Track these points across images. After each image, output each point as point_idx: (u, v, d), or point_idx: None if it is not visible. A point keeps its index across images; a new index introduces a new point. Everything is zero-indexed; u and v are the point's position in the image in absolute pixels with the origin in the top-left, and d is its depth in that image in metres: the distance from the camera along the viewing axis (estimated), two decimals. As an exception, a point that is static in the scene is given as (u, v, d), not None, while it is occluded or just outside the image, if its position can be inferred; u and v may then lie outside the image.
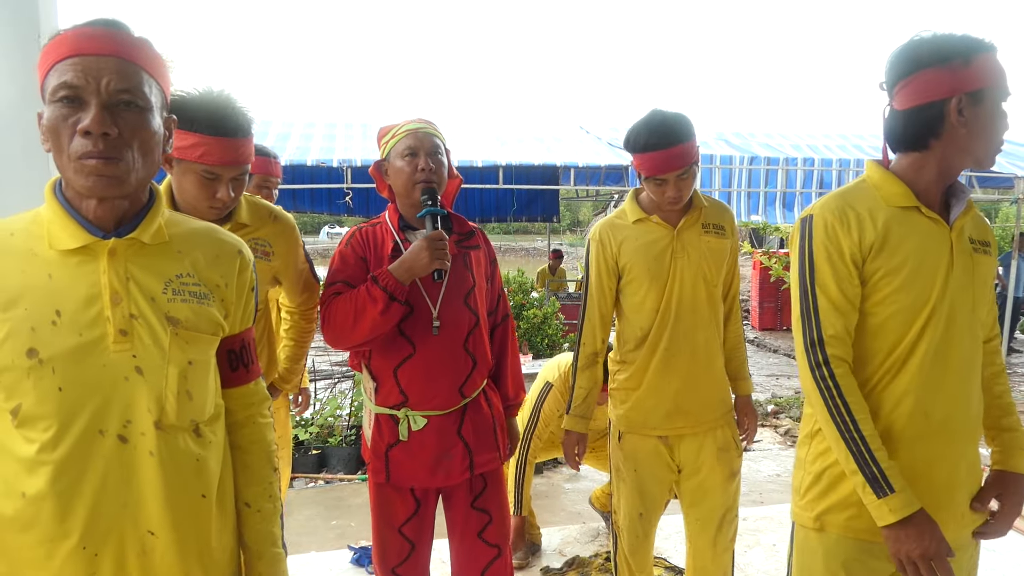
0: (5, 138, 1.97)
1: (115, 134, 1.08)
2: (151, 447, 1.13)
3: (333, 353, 8.91)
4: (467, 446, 2.04)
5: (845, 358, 1.49)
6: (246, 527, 1.33)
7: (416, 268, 1.87)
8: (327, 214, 8.27)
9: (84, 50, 1.08)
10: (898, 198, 1.50)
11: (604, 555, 3.48)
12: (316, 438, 5.20)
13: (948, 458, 1.49)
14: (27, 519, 1.10)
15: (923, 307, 1.46)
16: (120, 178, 1.10)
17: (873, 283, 1.49)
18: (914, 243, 1.47)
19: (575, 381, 2.35)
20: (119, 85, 1.09)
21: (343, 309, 1.90)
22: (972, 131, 1.42)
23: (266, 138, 6.58)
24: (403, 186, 1.99)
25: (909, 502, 1.39)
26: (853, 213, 1.50)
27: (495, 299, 2.20)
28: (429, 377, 1.98)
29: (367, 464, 2.11)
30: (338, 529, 4.06)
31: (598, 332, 2.31)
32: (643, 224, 2.23)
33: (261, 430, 1.36)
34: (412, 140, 1.98)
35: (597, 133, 7.75)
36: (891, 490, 1.39)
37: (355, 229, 2.09)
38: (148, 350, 1.14)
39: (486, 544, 2.12)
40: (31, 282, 1.10)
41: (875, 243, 1.47)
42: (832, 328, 1.49)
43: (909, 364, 1.47)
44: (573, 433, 2.37)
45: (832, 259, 1.50)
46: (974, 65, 1.39)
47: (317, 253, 33.66)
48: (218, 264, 1.25)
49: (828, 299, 1.50)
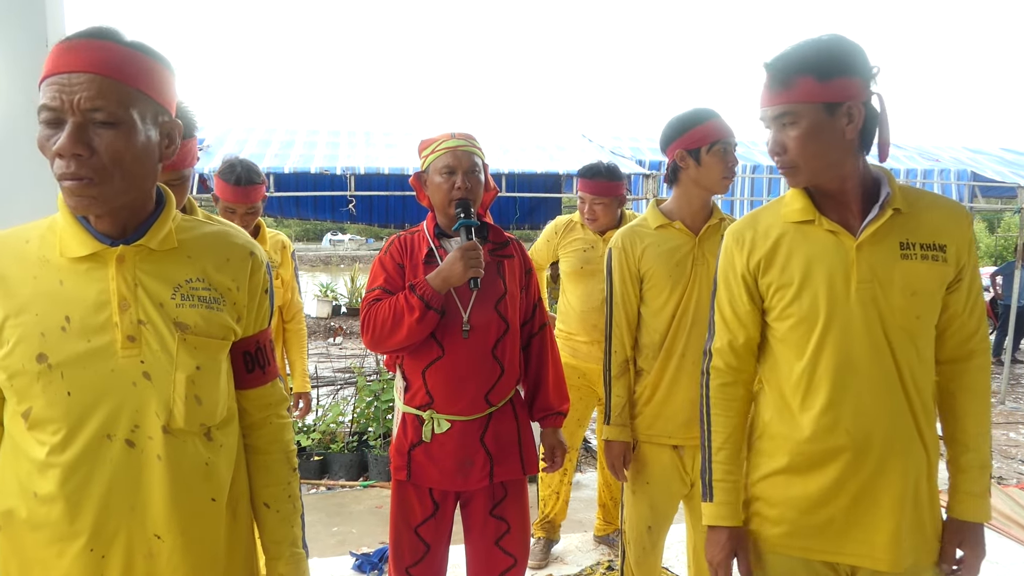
0: (14, 144, 1.98)
1: (88, 155, 1.06)
2: (159, 451, 1.14)
3: (336, 359, 8.92)
4: (489, 454, 2.06)
5: (725, 370, 1.60)
6: (265, 528, 1.33)
7: (452, 278, 1.95)
8: (330, 221, 8.29)
9: (61, 68, 1.07)
10: (795, 214, 1.51)
11: (607, 563, 3.48)
12: (318, 444, 5.19)
13: (884, 477, 1.44)
14: (38, 519, 1.12)
15: (816, 320, 1.45)
16: (98, 197, 1.09)
17: (769, 298, 1.54)
18: (802, 257, 1.48)
19: (610, 390, 2.32)
20: (92, 104, 1.06)
21: (382, 315, 1.97)
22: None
23: (270, 146, 6.61)
24: (440, 201, 2.07)
25: (720, 515, 1.56)
26: (750, 232, 1.56)
27: (530, 308, 2.22)
28: (456, 380, 2.02)
29: (390, 462, 2.14)
30: (340, 535, 4.05)
31: (626, 339, 2.30)
32: (665, 230, 2.25)
33: (279, 431, 1.37)
34: (451, 159, 2.04)
35: (600, 141, 7.77)
36: (711, 499, 1.58)
37: (394, 237, 2.15)
38: (156, 356, 1.15)
39: (503, 552, 2.13)
40: (42, 288, 1.12)
41: (762, 260, 1.52)
42: (719, 341, 1.61)
43: (816, 379, 1.46)
44: (615, 443, 2.29)
45: (727, 277, 1.59)
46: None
47: (320, 260, 33.71)
48: (229, 267, 1.26)
49: (720, 314, 1.61)
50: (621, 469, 2.32)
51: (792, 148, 1.42)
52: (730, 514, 1.55)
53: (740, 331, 1.57)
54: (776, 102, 1.41)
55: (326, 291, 15.93)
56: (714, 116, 2.19)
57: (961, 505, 1.50)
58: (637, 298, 2.29)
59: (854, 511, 1.46)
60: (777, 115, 1.42)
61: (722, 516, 1.56)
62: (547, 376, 2.23)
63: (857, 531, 1.46)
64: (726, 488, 1.56)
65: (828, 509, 1.47)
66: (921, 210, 1.46)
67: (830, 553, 1.49)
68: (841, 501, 1.46)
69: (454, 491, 2.11)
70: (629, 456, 2.32)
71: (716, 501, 1.56)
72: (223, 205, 2.81)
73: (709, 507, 1.57)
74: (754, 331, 1.57)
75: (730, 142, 2.18)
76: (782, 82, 1.39)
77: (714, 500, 1.56)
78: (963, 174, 7.38)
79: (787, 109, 1.40)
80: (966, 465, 1.51)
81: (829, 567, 1.50)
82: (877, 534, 1.44)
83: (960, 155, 8.17)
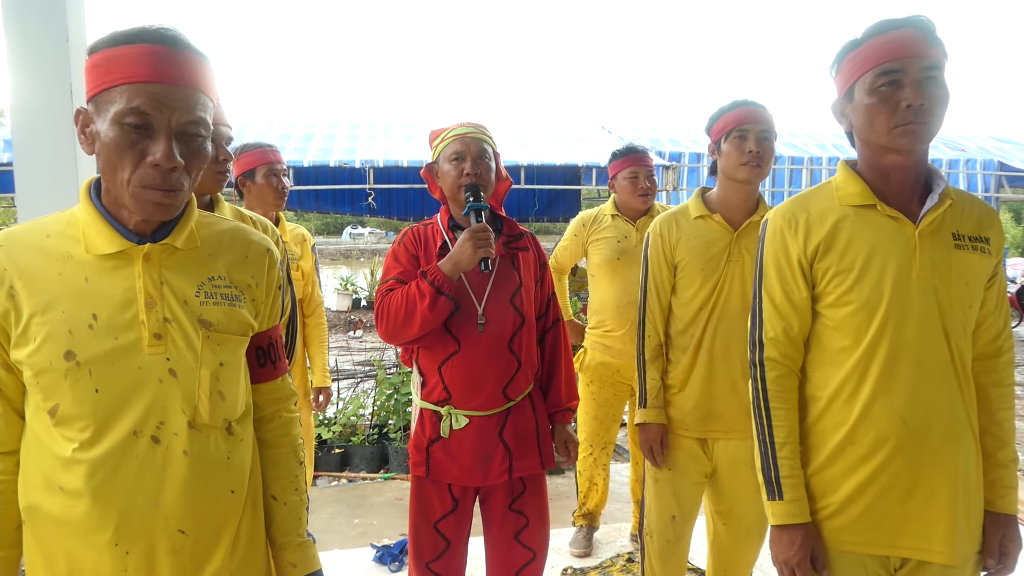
0: (34, 139, 2.00)
1: (181, 167, 1.10)
2: (184, 446, 1.15)
3: (356, 353, 8.96)
4: (508, 449, 2.05)
5: (781, 361, 1.53)
6: (273, 520, 1.34)
7: (462, 261, 1.92)
8: (350, 215, 8.32)
9: (158, 77, 1.08)
10: (853, 197, 1.48)
11: (626, 556, 3.46)
12: (339, 437, 5.23)
13: (939, 468, 1.42)
14: (64, 514, 1.13)
15: (877, 307, 1.42)
16: (175, 206, 1.14)
17: (824, 284, 1.48)
18: (864, 242, 1.44)
19: (645, 374, 2.30)
20: (189, 116, 1.10)
21: (395, 304, 1.95)
22: (859, 120, 1.44)
23: (289, 139, 6.63)
24: (450, 189, 2.05)
25: (791, 513, 1.48)
26: (804, 215, 1.51)
27: (544, 302, 2.20)
28: (473, 375, 2.00)
29: (409, 458, 2.13)
30: (360, 527, 4.07)
31: (659, 324, 2.30)
32: (704, 222, 2.23)
33: (287, 425, 1.38)
34: (459, 145, 2.03)
35: (619, 133, 7.72)
36: (780, 497, 1.50)
37: (408, 229, 2.14)
38: (181, 353, 1.16)
39: (522, 547, 2.12)
40: (68, 285, 1.13)
41: (821, 244, 1.47)
42: (772, 330, 1.53)
43: (872, 368, 1.43)
44: (651, 426, 2.27)
45: (779, 263, 1.53)
46: (852, 55, 1.43)
47: (340, 253, 33.87)
48: (247, 265, 1.27)
49: (772, 302, 1.53)
50: (659, 452, 2.28)
51: (934, 101, 1.38)
52: (802, 511, 1.49)
53: (795, 319, 1.52)
54: (927, 54, 1.38)
55: (346, 284, 16.01)
56: (740, 105, 2.17)
57: (1003, 500, 1.51)
58: (670, 285, 2.28)
59: (909, 503, 1.43)
60: (928, 66, 1.38)
61: (794, 513, 1.49)
62: (560, 371, 2.21)
63: (913, 524, 1.44)
64: (795, 484, 1.50)
65: (884, 501, 1.44)
66: (964, 203, 1.49)
67: (885, 546, 1.46)
68: (896, 493, 1.43)
69: (473, 487, 2.10)
70: (666, 439, 2.29)
71: (787, 499, 1.49)
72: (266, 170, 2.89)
73: (779, 505, 1.49)
74: (808, 319, 1.52)
75: (747, 128, 2.14)
76: (931, 38, 1.38)
77: (784, 498, 1.49)
78: (989, 164, 7.26)
79: (936, 63, 1.39)
80: (1004, 460, 1.51)
81: (879, 561, 1.48)
82: (934, 526, 1.42)
83: (986, 144, 8.03)
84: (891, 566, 1.48)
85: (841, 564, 1.48)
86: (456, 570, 2.15)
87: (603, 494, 3.58)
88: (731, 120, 2.16)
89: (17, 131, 2.01)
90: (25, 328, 1.12)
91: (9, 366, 1.14)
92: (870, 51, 1.39)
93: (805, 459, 1.53)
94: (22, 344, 1.12)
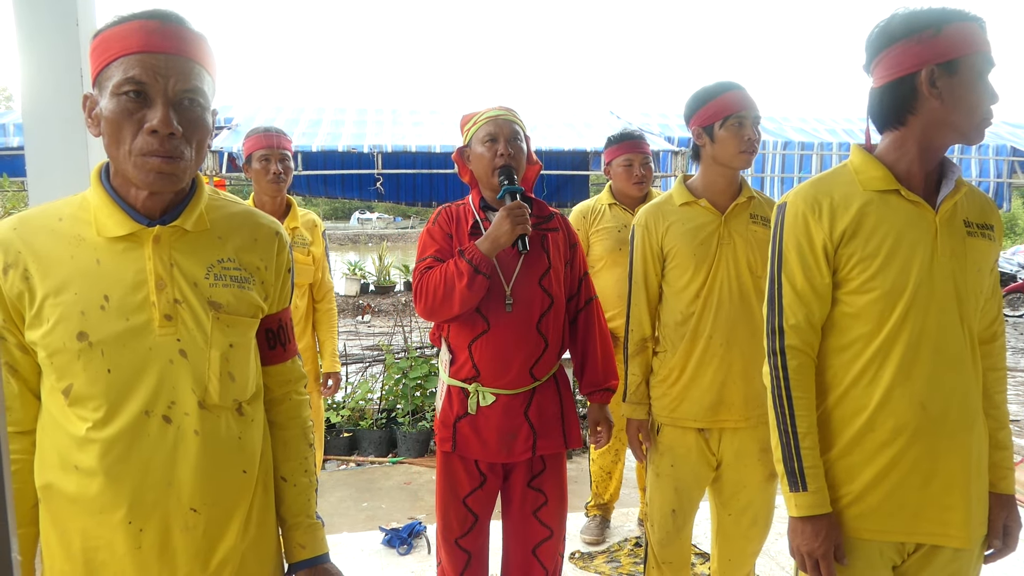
0: (45, 123, 2.01)
1: (179, 134, 1.12)
2: (195, 426, 1.17)
3: (364, 337, 9.00)
4: (532, 427, 2.07)
5: (803, 349, 1.49)
6: (282, 501, 1.36)
7: (500, 238, 1.94)
8: (358, 200, 8.31)
9: (152, 47, 1.10)
10: (876, 182, 1.45)
11: (634, 540, 3.48)
12: (347, 421, 5.26)
13: (955, 454, 1.43)
14: (79, 492, 1.14)
15: (901, 294, 1.41)
16: (178, 175, 1.14)
17: (847, 271, 1.45)
18: (890, 228, 1.42)
19: (627, 368, 2.32)
20: (185, 85, 1.12)
21: (434, 282, 1.97)
22: (948, 103, 1.36)
23: (297, 124, 6.62)
24: (483, 171, 2.07)
25: (816, 504, 1.45)
26: (827, 200, 1.47)
27: (576, 282, 2.20)
28: (502, 354, 2.03)
29: (435, 435, 2.16)
30: (369, 511, 4.11)
31: (645, 318, 2.28)
32: (690, 208, 2.21)
33: (297, 407, 1.39)
34: (492, 127, 2.05)
35: (628, 118, 7.68)
36: (804, 488, 1.45)
37: (441, 208, 2.16)
38: (192, 334, 1.17)
39: (540, 523, 2.15)
40: (80, 267, 1.14)
41: (847, 230, 1.44)
42: (794, 317, 1.49)
43: (893, 354, 1.42)
44: (634, 421, 2.32)
45: (801, 248, 1.48)
46: (946, 35, 1.34)
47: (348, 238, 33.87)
48: (257, 247, 1.28)
49: (793, 288, 1.49)
50: (638, 447, 2.33)
51: None
52: (825, 501, 1.46)
53: (816, 305, 1.49)
54: None
55: (354, 269, 16.05)
56: (729, 88, 2.14)
57: (1005, 481, 1.52)
58: (659, 277, 2.26)
59: (928, 489, 1.43)
60: None
61: (819, 504, 1.45)
62: (595, 351, 2.21)
63: (931, 509, 1.43)
64: (817, 474, 1.46)
65: (903, 488, 1.44)
66: (969, 191, 1.49)
67: (904, 533, 1.45)
68: (915, 479, 1.43)
69: (499, 463, 2.12)
70: (646, 434, 2.32)
71: (812, 489, 1.45)
72: (261, 154, 2.95)
73: (804, 496, 1.45)
74: (827, 305, 1.49)
75: (744, 115, 2.12)
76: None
77: (809, 489, 1.45)
78: (1002, 149, 7.19)
79: None
80: (1004, 441, 1.52)
81: (895, 547, 1.48)
82: (951, 511, 1.43)
83: (999, 129, 7.95)
84: (905, 551, 1.48)
85: (859, 552, 1.47)
86: (482, 548, 2.17)
87: (618, 484, 3.59)
88: (725, 105, 2.12)
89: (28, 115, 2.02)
90: (39, 309, 1.13)
91: (24, 347, 1.16)
92: None
93: (821, 448, 1.51)
94: (36, 325, 1.13)
